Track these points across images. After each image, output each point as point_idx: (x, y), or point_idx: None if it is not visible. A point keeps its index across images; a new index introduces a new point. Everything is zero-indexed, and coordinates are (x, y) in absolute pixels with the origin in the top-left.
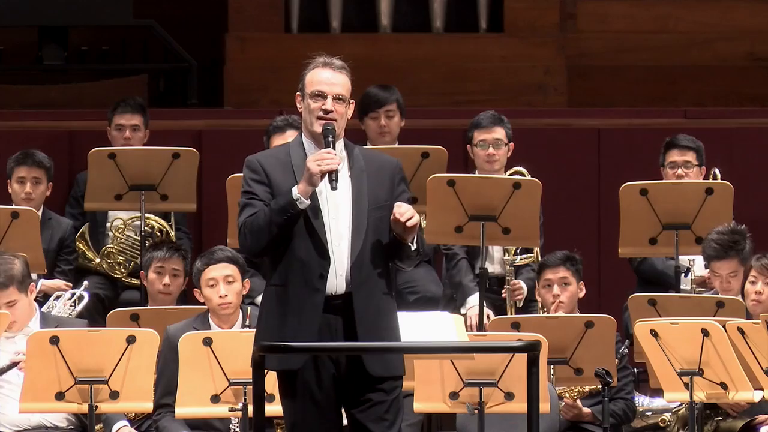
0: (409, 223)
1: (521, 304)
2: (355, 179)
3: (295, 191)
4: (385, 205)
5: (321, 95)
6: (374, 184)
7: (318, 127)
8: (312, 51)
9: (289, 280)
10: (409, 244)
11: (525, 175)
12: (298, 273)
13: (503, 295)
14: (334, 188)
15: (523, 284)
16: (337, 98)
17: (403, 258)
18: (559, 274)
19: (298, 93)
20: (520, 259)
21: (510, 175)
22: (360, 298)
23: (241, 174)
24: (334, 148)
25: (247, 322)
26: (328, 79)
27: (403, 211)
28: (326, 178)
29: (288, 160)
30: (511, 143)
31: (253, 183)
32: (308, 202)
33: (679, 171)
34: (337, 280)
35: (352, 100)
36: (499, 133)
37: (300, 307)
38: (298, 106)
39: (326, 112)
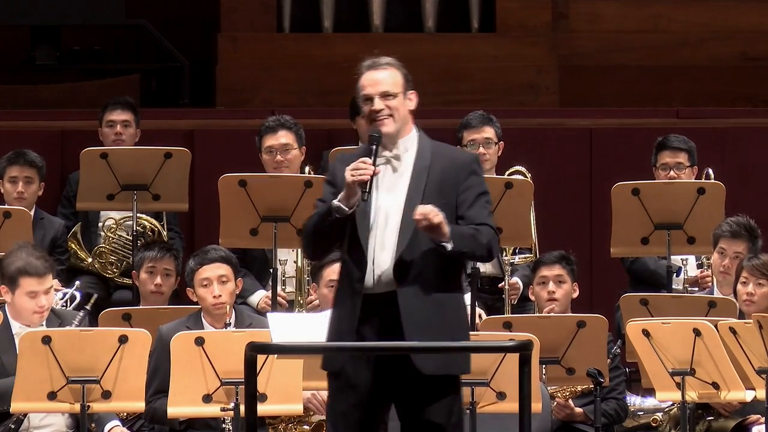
0: (428, 223)
1: (515, 302)
2: (414, 178)
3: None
4: (443, 203)
5: (368, 98)
6: (437, 182)
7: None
8: (304, 51)
9: (339, 280)
10: (443, 243)
11: (525, 175)
12: (345, 273)
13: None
14: (364, 200)
15: (519, 281)
16: (384, 95)
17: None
18: (555, 271)
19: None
20: (519, 260)
21: (509, 174)
22: (406, 297)
23: (233, 174)
24: (376, 156)
25: (231, 321)
26: (370, 80)
27: (417, 212)
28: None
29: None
30: (501, 142)
31: (324, 183)
32: (348, 210)
33: (671, 173)
34: (377, 281)
35: (411, 91)
36: (489, 132)
37: (344, 306)
38: None
39: (375, 112)
